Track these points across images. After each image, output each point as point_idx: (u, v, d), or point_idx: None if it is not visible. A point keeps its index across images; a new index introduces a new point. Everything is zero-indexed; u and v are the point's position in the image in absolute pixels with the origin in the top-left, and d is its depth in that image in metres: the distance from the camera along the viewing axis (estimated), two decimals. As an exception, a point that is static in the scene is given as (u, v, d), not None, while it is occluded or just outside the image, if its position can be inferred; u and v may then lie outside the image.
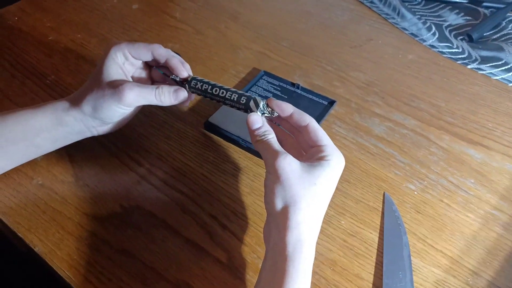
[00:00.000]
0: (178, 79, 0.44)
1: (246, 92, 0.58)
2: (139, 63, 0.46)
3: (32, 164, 0.49)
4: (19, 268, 0.56)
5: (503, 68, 0.66)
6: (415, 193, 0.49)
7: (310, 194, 0.35)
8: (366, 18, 0.78)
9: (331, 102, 0.57)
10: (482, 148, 0.54)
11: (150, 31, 0.71)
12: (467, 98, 0.61)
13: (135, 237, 0.43)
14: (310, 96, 0.58)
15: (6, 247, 0.52)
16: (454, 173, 0.51)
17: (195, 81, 0.44)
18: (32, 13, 0.73)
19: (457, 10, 0.79)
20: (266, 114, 0.41)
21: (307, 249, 0.34)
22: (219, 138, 0.54)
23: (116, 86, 0.41)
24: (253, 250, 0.43)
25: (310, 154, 0.38)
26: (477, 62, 0.67)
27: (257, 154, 0.51)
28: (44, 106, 0.43)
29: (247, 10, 0.77)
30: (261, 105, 0.41)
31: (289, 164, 0.35)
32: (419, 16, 0.76)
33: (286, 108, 0.40)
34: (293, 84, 0.60)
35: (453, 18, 0.77)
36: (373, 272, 0.42)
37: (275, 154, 0.36)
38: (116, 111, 0.42)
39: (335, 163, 0.36)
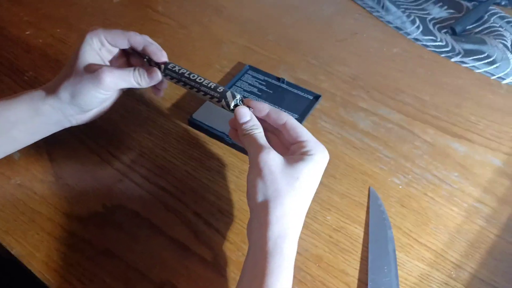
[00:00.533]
0: (152, 63, 0.45)
1: (231, 87, 0.57)
2: (116, 50, 0.45)
3: (10, 163, 0.47)
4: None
5: (486, 61, 0.66)
6: (400, 187, 0.49)
7: (293, 188, 0.34)
8: (351, 12, 0.77)
9: (317, 97, 0.57)
10: (465, 141, 0.54)
11: (132, 26, 0.69)
12: (451, 91, 0.62)
13: (118, 237, 0.42)
14: (296, 91, 0.58)
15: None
16: (438, 167, 0.51)
17: (173, 64, 0.44)
18: (9, 7, 0.71)
19: (441, 3, 0.79)
20: (237, 104, 0.41)
21: (289, 244, 0.33)
22: (203, 134, 0.53)
23: (94, 70, 0.40)
24: (238, 247, 0.42)
25: (292, 151, 0.38)
26: (460, 55, 0.68)
27: (242, 150, 0.51)
28: (19, 96, 0.42)
29: (232, 4, 0.76)
30: (238, 97, 0.41)
31: (272, 159, 0.35)
32: (403, 10, 0.76)
33: (262, 108, 0.40)
34: (278, 79, 0.59)
35: (437, 12, 0.78)
36: (358, 268, 0.42)
37: (259, 148, 0.35)
38: (95, 96, 0.41)
39: (318, 157, 0.36)
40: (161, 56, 0.44)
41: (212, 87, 0.42)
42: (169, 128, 0.53)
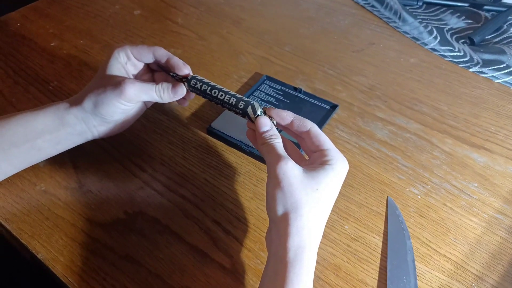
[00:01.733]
0: (177, 78, 0.45)
1: (248, 96, 0.58)
2: (141, 65, 0.47)
3: (35, 170, 0.49)
4: (23, 275, 0.56)
5: (505, 71, 0.66)
6: (419, 197, 0.48)
7: (312, 199, 0.34)
8: (367, 23, 0.78)
9: (334, 107, 0.57)
10: (485, 151, 0.54)
11: (153, 37, 0.71)
12: (469, 101, 0.61)
13: (139, 243, 0.43)
14: (313, 101, 0.58)
15: (9, 254, 0.52)
16: (457, 177, 0.51)
17: (195, 80, 0.44)
18: (35, 20, 0.74)
19: (458, 14, 0.79)
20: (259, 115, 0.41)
21: (309, 255, 0.34)
22: (221, 143, 0.54)
23: (117, 81, 0.42)
24: (256, 255, 0.43)
25: (312, 159, 0.38)
26: (479, 65, 0.67)
27: (260, 159, 0.51)
28: (46, 107, 0.43)
29: (249, 16, 0.78)
30: (258, 112, 0.41)
31: (291, 170, 0.35)
32: (420, 20, 0.76)
33: (286, 116, 0.40)
34: (295, 89, 0.60)
35: (454, 22, 0.77)
36: (377, 277, 0.41)
37: (278, 159, 0.36)
38: (117, 106, 0.42)
39: (338, 167, 0.36)
40: (184, 68, 0.45)
41: (233, 103, 0.42)
42: (188, 137, 0.54)
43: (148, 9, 0.78)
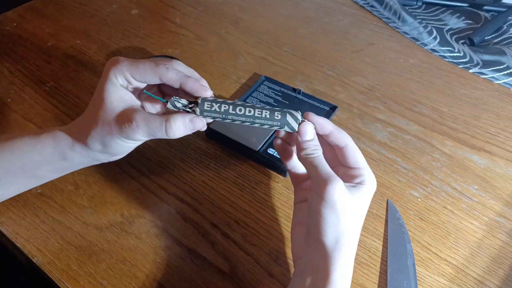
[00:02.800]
0: (178, 104, 0.36)
1: (247, 98, 0.57)
2: (145, 84, 0.39)
3: (31, 172, 0.48)
4: (19, 280, 0.55)
5: (505, 72, 0.65)
6: (419, 200, 0.48)
7: (358, 224, 0.34)
8: (367, 23, 0.77)
9: (333, 108, 0.57)
10: (485, 153, 0.54)
11: (151, 37, 0.70)
12: (469, 102, 0.61)
13: (136, 247, 0.42)
14: (312, 102, 0.58)
15: (5, 258, 0.52)
16: (457, 179, 0.50)
17: (208, 103, 0.36)
18: (31, 19, 0.73)
19: (458, 14, 0.78)
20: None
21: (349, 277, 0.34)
22: (220, 145, 0.53)
23: (122, 122, 0.36)
24: (255, 259, 0.42)
25: (347, 176, 0.36)
26: (479, 66, 0.67)
27: (259, 161, 0.51)
28: (43, 136, 0.39)
29: (248, 16, 0.77)
30: (300, 118, 0.36)
31: (345, 194, 0.33)
32: (420, 20, 0.76)
33: (326, 126, 0.36)
34: (294, 90, 0.59)
35: (454, 22, 0.77)
36: (377, 282, 0.41)
37: (329, 178, 0.33)
38: (127, 146, 0.38)
39: (371, 187, 0.35)
40: (203, 90, 0.37)
41: (267, 116, 0.36)
42: (186, 139, 0.54)
43: (146, 9, 0.78)
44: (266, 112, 0.36)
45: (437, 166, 0.52)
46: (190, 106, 0.36)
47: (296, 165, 0.40)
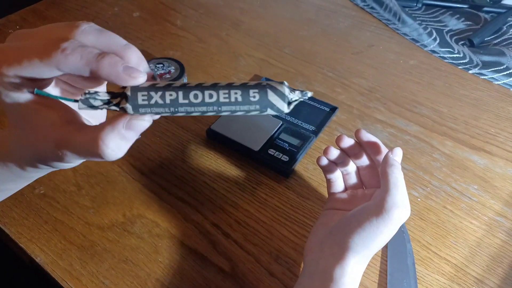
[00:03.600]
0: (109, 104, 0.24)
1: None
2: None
3: (34, 173, 0.49)
4: (21, 279, 0.55)
5: (505, 73, 0.66)
6: (419, 199, 0.48)
7: (384, 242, 0.35)
8: (367, 24, 0.78)
9: (333, 109, 0.57)
10: (485, 153, 0.54)
11: (152, 39, 0.71)
12: (469, 103, 0.61)
13: (138, 246, 0.43)
14: (312, 103, 0.58)
15: (8, 258, 0.52)
16: (457, 179, 0.51)
17: (144, 94, 0.24)
18: (34, 22, 0.74)
19: (458, 15, 0.79)
20: (295, 100, 0.25)
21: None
22: (221, 145, 0.53)
23: (47, 146, 0.25)
24: (256, 259, 0.42)
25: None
26: (478, 67, 0.67)
27: (260, 162, 0.51)
28: None
29: (249, 18, 0.77)
30: (287, 94, 0.24)
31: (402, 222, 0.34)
32: (419, 22, 0.76)
33: (383, 150, 0.40)
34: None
35: (454, 23, 0.77)
36: (377, 281, 0.41)
37: (402, 204, 0.33)
38: (74, 164, 0.28)
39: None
40: (129, 76, 0.23)
41: (240, 99, 0.24)
42: (188, 140, 0.54)
43: (147, 11, 0.78)
44: (236, 94, 0.24)
45: (437, 166, 0.52)
46: (115, 102, 0.24)
47: (335, 176, 0.42)
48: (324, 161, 0.41)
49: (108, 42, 0.24)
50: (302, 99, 0.26)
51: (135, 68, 0.23)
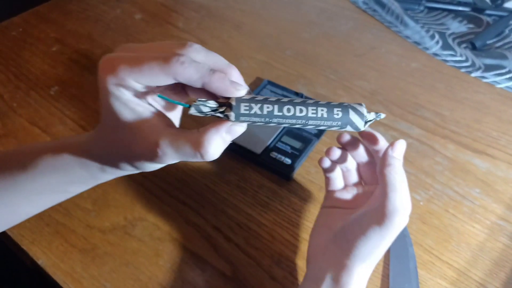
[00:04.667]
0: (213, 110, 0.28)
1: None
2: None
3: (36, 175, 0.49)
4: (23, 281, 0.55)
5: (507, 76, 0.65)
6: (421, 203, 0.48)
7: (386, 248, 0.35)
8: (369, 27, 0.78)
9: (335, 112, 0.57)
10: (487, 157, 0.54)
11: (154, 41, 0.71)
12: (471, 106, 0.61)
13: (139, 250, 0.43)
14: (314, 106, 0.58)
15: (10, 260, 0.52)
16: (459, 183, 0.50)
17: (246, 104, 0.28)
18: (37, 24, 0.74)
19: (460, 18, 0.79)
20: (369, 120, 0.30)
21: None
22: (222, 148, 0.53)
23: (145, 148, 0.29)
24: (257, 262, 0.42)
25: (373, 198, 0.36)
26: (480, 70, 0.67)
27: (262, 165, 0.51)
28: (67, 160, 0.34)
29: (250, 20, 0.78)
30: (365, 114, 0.30)
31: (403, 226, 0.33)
32: (422, 24, 0.76)
33: (382, 143, 0.36)
34: (296, 94, 0.60)
35: (456, 26, 0.77)
36: (379, 285, 0.41)
37: (402, 208, 0.32)
38: (157, 167, 0.33)
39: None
40: (235, 89, 0.28)
41: (325, 115, 0.28)
42: (189, 142, 0.54)
43: (149, 14, 0.78)
44: (322, 110, 0.28)
45: (439, 169, 0.52)
46: (221, 110, 0.28)
47: (335, 174, 0.40)
48: (327, 163, 0.40)
49: (214, 60, 0.29)
50: (376, 119, 0.31)
51: (238, 82, 0.28)
